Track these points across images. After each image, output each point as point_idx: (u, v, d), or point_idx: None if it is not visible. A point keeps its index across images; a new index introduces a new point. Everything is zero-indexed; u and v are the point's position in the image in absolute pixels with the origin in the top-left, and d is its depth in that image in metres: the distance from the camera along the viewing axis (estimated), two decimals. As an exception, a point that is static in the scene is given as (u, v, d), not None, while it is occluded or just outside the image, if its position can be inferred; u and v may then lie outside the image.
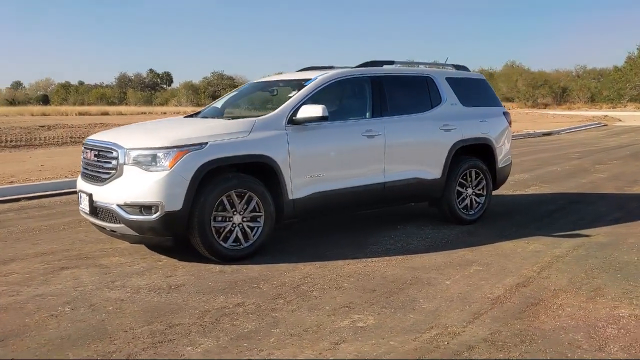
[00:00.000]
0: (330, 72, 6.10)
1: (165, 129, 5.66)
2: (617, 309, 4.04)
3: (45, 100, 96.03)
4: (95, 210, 5.22)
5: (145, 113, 48.05)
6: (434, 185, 6.52)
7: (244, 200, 5.18)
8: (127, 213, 4.94)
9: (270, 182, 5.36)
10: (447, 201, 6.65)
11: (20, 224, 6.89)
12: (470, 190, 6.85)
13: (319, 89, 5.85)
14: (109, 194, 5.05)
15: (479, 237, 6.19)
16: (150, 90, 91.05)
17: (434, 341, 3.51)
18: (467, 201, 6.83)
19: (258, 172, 5.34)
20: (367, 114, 6.15)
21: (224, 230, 5.11)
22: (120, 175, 5.01)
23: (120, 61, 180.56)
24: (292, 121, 5.49)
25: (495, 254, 5.49)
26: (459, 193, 6.76)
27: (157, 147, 4.96)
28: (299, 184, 5.48)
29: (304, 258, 5.33)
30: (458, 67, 7.41)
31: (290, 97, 5.72)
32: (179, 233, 5.00)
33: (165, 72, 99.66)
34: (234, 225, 5.16)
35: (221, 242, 5.08)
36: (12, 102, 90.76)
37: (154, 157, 4.92)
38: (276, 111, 5.55)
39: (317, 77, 5.95)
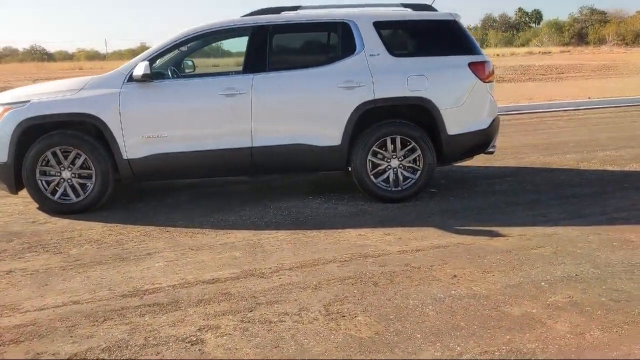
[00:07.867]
0: (198, 25, 5.63)
1: (28, 87, 6.05)
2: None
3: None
4: None
5: (499, 55, 46.07)
6: (329, 153, 5.53)
7: (70, 157, 5.33)
8: None
9: (104, 140, 5.36)
10: (356, 174, 5.58)
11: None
12: (395, 162, 5.60)
13: (176, 43, 5.54)
14: None
15: (363, 218, 5.14)
16: (512, 31, 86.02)
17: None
18: (390, 174, 5.61)
19: (95, 130, 5.39)
20: (239, 69, 5.54)
21: (52, 184, 5.37)
22: None
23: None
24: (131, 79, 5.35)
25: (330, 241, 4.56)
26: (375, 165, 5.60)
27: None
28: (134, 144, 5.33)
29: (129, 220, 5.20)
30: (416, 6, 5.92)
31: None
32: (11, 184, 5.40)
33: (534, 10, 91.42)
34: (63, 180, 5.37)
35: (48, 195, 5.36)
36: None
37: None
38: (119, 68, 5.49)
39: (180, 32, 5.60)
